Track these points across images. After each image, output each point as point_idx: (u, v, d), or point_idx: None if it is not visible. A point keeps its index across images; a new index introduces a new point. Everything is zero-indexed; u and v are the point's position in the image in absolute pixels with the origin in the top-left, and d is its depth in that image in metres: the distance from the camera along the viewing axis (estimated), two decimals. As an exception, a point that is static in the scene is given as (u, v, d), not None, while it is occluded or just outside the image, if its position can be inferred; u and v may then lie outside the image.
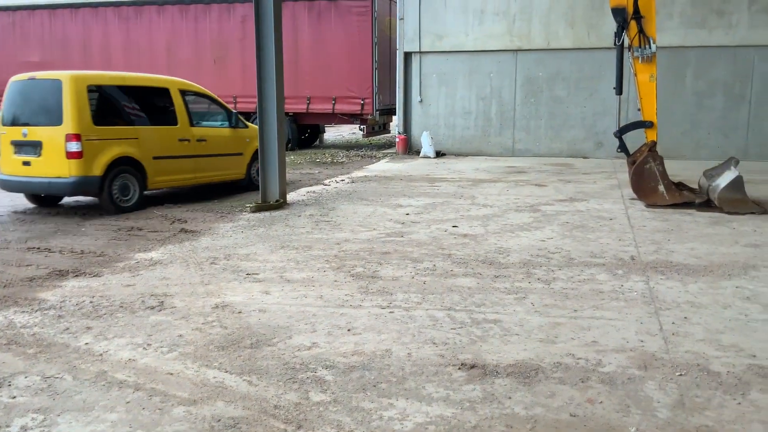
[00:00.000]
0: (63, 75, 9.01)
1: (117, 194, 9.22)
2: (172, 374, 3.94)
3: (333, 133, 27.02)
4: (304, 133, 20.77)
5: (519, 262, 6.44)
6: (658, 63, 9.76)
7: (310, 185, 12.00)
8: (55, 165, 8.85)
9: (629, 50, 9.70)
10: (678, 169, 12.40)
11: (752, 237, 7.46)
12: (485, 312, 5.01)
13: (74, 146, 8.72)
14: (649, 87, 9.69)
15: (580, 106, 16.54)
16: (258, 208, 9.31)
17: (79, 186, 8.97)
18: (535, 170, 14.02)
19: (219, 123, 11.12)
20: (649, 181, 9.54)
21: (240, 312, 5.03)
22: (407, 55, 17.56)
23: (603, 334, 4.53)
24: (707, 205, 9.17)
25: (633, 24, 9.48)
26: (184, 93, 10.32)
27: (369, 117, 18.30)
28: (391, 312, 5.01)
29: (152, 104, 10.05)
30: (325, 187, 11.78)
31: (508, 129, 17.16)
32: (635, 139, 10.52)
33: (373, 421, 3.35)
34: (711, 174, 9.73)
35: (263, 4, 9.37)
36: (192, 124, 10.36)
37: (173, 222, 8.59)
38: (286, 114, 17.93)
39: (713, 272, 6.03)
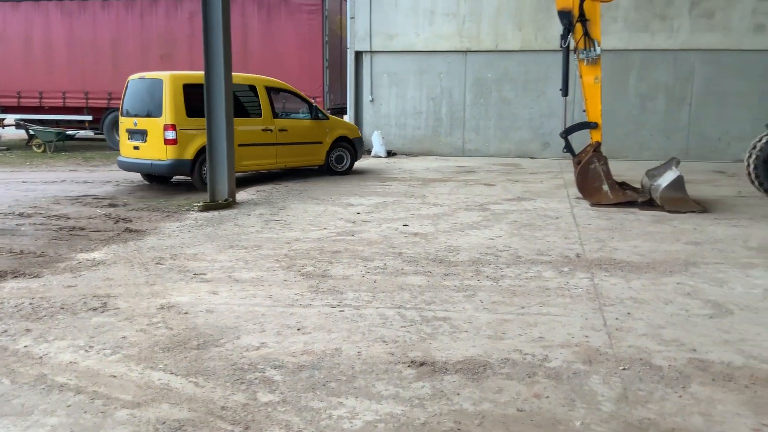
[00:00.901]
0: (164, 75, 10.86)
1: (206, 173, 10.20)
2: (115, 377, 3.84)
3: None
4: (254, 131, 20.55)
5: (468, 261, 6.50)
6: (602, 65, 10.00)
7: (260, 184, 11.87)
8: (156, 150, 10.73)
9: (575, 52, 9.91)
10: (622, 169, 12.74)
11: (693, 235, 7.71)
12: (435, 310, 5.04)
13: (171, 134, 10.57)
14: (594, 89, 9.91)
15: (527, 107, 16.82)
16: (206, 207, 9.16)
17: (174, 167, 10.83)
18: (484, 170, 14.19)
19: (302, 115, 12.71)
20: (594, 180, 9.76)
21: (186, 313, 4.94)
22: (358, 55, 17.55)
23: (549, 330, 4.61)
24: (650, 204, 9.44)
25: (579, 27, 9.69)
26: (269, 89, 12.00)
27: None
28: (341, 311, 4.99)
29: (241, 99, 11.57)
30: (275, 185, 11.68)
31: (458, 129, 17.33)
32: (581, 140, 10.77)
33: (322, 421, 3.33)
34: (653, 174, 10.02)
35: (211, 0, 9.22)
36: (275, 116, 11.99)
37: (117, 221, 8.38)
38: (236, 112, 17.86)
39: (655, 269, 6.21)
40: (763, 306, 5.17)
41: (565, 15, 9.76)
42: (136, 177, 12.51)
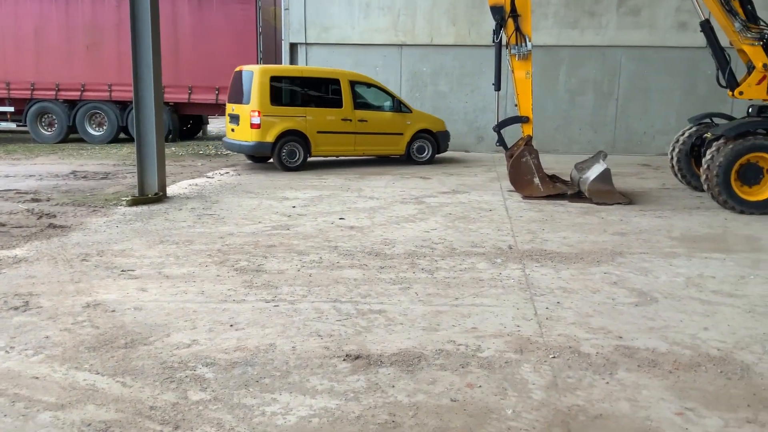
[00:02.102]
0: (255, 67, 12.49)
1: (285, 157, 12.43)
2: (37, 378, 3.68)
3: (218, 124, 26.27)
4: (186, 124, 20.04)
5: (404, 253, 6.53)
6: (533, 61, 10.20)
7: (193, 178, 11.61)
8: (244, 132, 12.35)
9: (507, 48, 10.07)
10: (552, 163, 13.07)
11: (619, 226, 7.97)
12: (370, 303, 5.04)
13: (256, 119, 12.10)
14: (525, 84, 10.11)
15: (462, 101, 17.02)
16: (135, 202, 8.89)
17: (257, 148, 12.38)
18: (419, 164, 14.26)
19: (386, 108, 13.55)
20: (526, 173, 9.97)
21: (113, 311, 4.78)
22: (293, 46, 17.35)
23: (482, 321, 4.68)
24: (578, 196, 9.71)
25: (510, 22, 9.85)
26: (353, 83, 13.07)
27: (254, 108, 17.92)
28: (275, 306, 4.93)
29: (323, 91, 12.87)
30: (208, 179, 11.44)
31: (394, 122, 17.35)
32: (513, 134, 10.97)
33: (255, 417, 3.28)
34: (582, 167, 10.30)
35: (139, -12, 8.94)
36: (355, 107, 13.02)
37: (41, 217, 8.03)
38: (167, 104, 17.37)
39: (584, 259, 6.39)
40: (686, 294, 5.39)
41: (497, 10, 9.91)
42: (61, 171, 12.28)
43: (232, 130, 12.84)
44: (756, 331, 4.57)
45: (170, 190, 9.91)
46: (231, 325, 4.52)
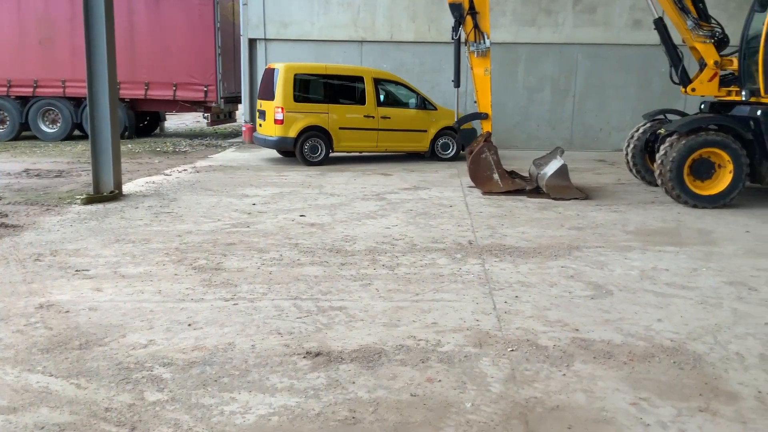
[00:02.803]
0: (279, 65, 12.87)
1: (307, 152, 12.78)
2: (-13, 383, 3.58)
3: (175, 121, 25.89)
4: (143, 120, 19.67)
5: (365, 250, 6.54)
6: (492, 58, 10.29)
7: (150, 175, 11.41)
8: (269, 127, 12.83)
9: (466, 45, 10.14)
10: (511, 159, 13.21)
11: (576, 221, 8.11)
12: (331, 300, 5.03)
13: (279, 115, 12.54)
14: (484, 80, 10.19)
15: (422, 97, 17.05)
16: (90, 200, 8.69)
17: (280, 143, 12.86)
18: (379, 160, 14.28)
19: (411, 105, 13.58)
20: (485, 169, 10.06)
21: (68, 311, 4.67)
22: (252, 42, 17.17)
23: (442, 316, 4.72)
24: (537, 191, 9.84)
25: (469, 19, 9.92)
26: (377, 80, 13.29)
27: (213, 105, 17.67)
28: (235, 304, 4.89)
29: (346, 88, 13.21)
30: (166, 177, 11.26)
31: (355, 119, 17.32)
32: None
33: (213, 417, 3.24)
34: (539, 163, 10.44)
35: (92, -19, 8.74)
36: (379, 104, 13.22)
37: (-9, 216, 7.80)
38: (122, 100, 17.01)
39: (541, 254, 6.48)
40: (640, 286, 5.51)
41: (455, 7, 9.96)
42: (13, 169, 11.95)
43: (260, 125, 13.41)
44: (707, 322, 4.70)
45: (126, 188, 9.73)
46: (189, 325, 4.46)
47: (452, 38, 10.32)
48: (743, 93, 9.42)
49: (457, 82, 10.53)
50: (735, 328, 4.59)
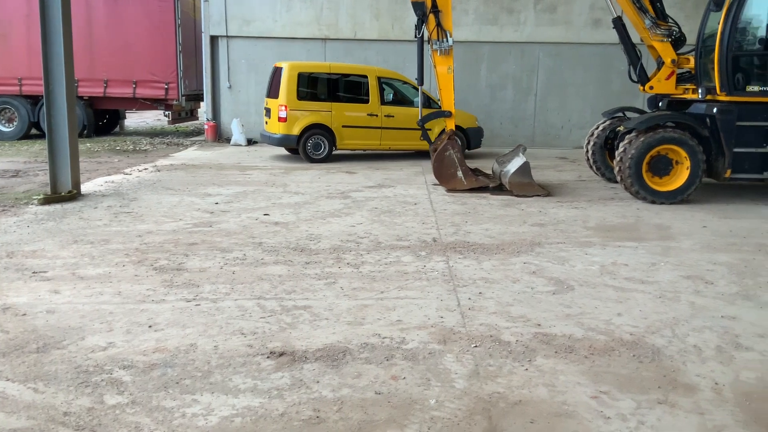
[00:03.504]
0: (284, 64, 13.11)
1: (310, 149, 13.06)
2: (-62, 389, 3.47)
3: (136, 119, 25.46)
4: (102, 119, 19.29)
5: (330, 248, 6.52)
6: (455, 56, 10.34)
7: (109, 174, 11.19)
8: (273, 125, 13.14)
9: (429, 43, 10.17)
10: (474, 156, 13.31)
11: (538, 217, 8.20)
12: (295, 299, 5.00)
13: (282, 113, 12.82)
14: (447, 79, 10.24)
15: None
16: (47, 200, 8.49)
17: (283, 140, 13.14)
18: (345, 158, 14.25)
19: (416, 104, 13.18)
20: (449, 167, 10.12)
21: (24, 314, 4.56)
22: (214, 39, 16.97)
23: (407, 313, 4.73)
24: (500, 189, 9.93)
25: (431, 18, 9.95)
26: (381, 79, 13.41)
27: (174, 102, 17.42)
28: (197, 305, 4.82)
29: (351, 87, 13.34)
30: (125, 176, 11.05)
31: (319, 117, 17.25)
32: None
33: (175, 420, 3.20)
34: (502, 160, 10.54)
35: (47, -24, 8.52)
36: (383, 103, 13.36)
37: (-57, 218, 7.57)
38: (81, 98, 16.67)
39: (504, 250, 6.54)
40: (600, 281, 5.60)
41: (418, 6, 9.99)
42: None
43: (266, 122, 13.64)
44: (666, 316, 4.80)
45: (85, 188, 9.53)
46: (150, 326, 4.39)
47: (415, 36, 10.35)
48: (700, 91, 9.64)
49: (420, 80, 10.56)
50: (692, 322, 4.69)
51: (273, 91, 13.26)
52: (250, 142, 16.79)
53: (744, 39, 9.24)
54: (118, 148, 15.43)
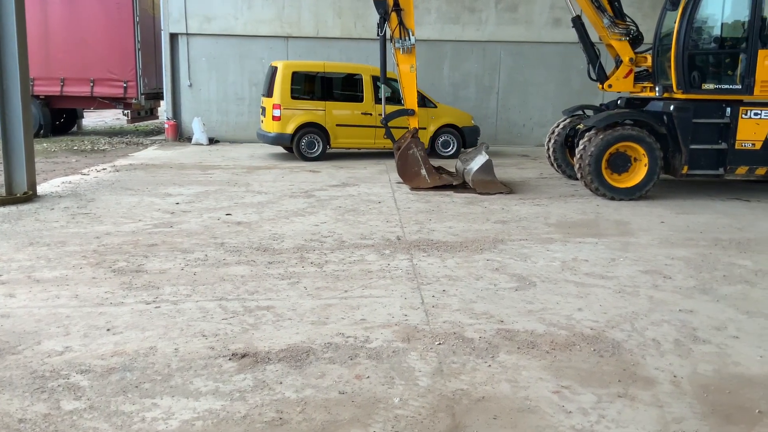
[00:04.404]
0: (279, 63, 13.32)
1: (304, 147, 13.21)
2: None
3: (94, 118, 24.95)
4: (59, 118, 18.87)
5: (293, 248, 6.47)
6: (417, 55, 10.36)
7: (66, 175, 10.94)
8: (268, 124, 13.30)
9: (391, 41, 10.17)
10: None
11: (501, 214, 8.27)
12: (258, 299, 4.95)
13: (276, 112, 12.99)
14: (409, 77, 10.25)
15: (350, 93, 17.02)
16: (1, 202, 8.25)
17: (277, 139, 13.23)
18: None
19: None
20: (413, 165, 10.14)
21: (-24, 320, 4.42)
22: (173, 37, 16.72)
23: (371, 312, 4.72)
24: (463, 187, 9.99)
25: (394, 16, 9.95)
26: (375, 78, 13.33)
27: (133, 101, 17.13)
28: (157, 307, 4.74)
29: (345, 86, 13.35)
30: (83, 176, 10.82)
31: (282, 116, 17.14)
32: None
33: (134, 425, 3.13)
34: (465, 158, 10.61)
35: (-2, -29, 8.28)
36: (377, 102, 13.19)
37: None
38: (37, 97, 16.29)
39: (468, 247, 6.58)
40: (561, 277, 5.67)
41: (380, 4, 9.97)
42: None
43: (262, 121, 13.77)
44: (625, 310, 4.88)
45: (41, 189, 9.29)
46: (108, 330, 4.29)
47: (378, 35, 10.33)
48: (657, 89, 9.84)
49: (382, 79, 10.56)
50: (651, 315, 4.78)
51: (268, 90, 13.37)
52: (212, 141, 16.60)
53: (699, 38, 9.46)
54: (75, 148, 15.10)
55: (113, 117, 25.05)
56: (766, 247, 6.87)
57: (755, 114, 9.29)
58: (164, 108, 17.86)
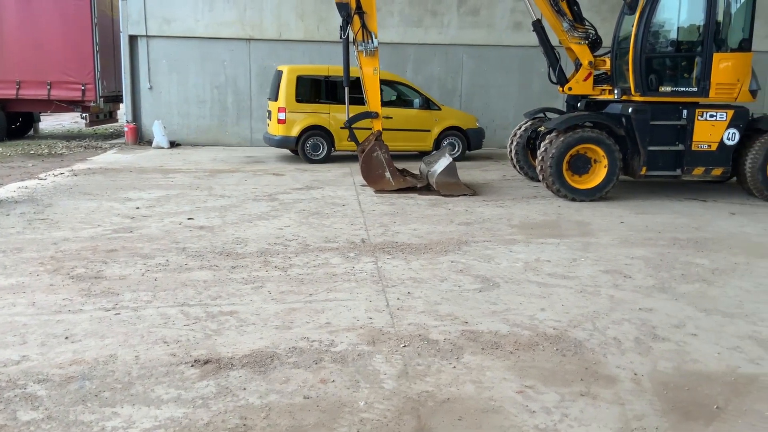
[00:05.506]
0: (284, 67, 13.48)
1: (309, 150, 13.39)
2: None
3: (51, 121, 24.37)
4: (15, 122, 18.38)
5: (257, 252, 6.41)
6: (381, 58, 10.37)
7: (22, 180, 10.66)
8: (273, 127, 13.51)
9: (354, 44, 10.16)
10: (401, 157, 13.40)
11: (464, 216, 8.32)
12: (221, 304, 4.89)
13: (282, 115, 13.18)
14: (373, 80, 10.27)
15: (313, 96, 16.95)
16: (-47, 208, 8.03)
17: (282, 142, 13.49)
18: (273, 160, 14.10)
19: (414, 105, 13.90)
20: (377, 168, 10.15)
21: (-73, 330, 4.28)
22: (133, 39, 16.43)
23: (336, 315, 4.70)
24: (427, 189, 10.02)
25: (356, 19, 9.94)
26: (380, 81, 12.49)
27: (92, 104, 16.79)
28: (117, 314, 4.65)
29: (349, 89, 12.16)
30: (40, 181, 10.56)
31: (245, 119, 17.01)
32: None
33: (93, 434, 3.06)
34: (429, 161, 10.65)
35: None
36: (381, 105, 12.32)
37: None
38: (-10, 99, 15.85)
39: (432, 249, 6.60)
40: (524, 278, 5.73)
41: (343, 7, 9.96)
42: None
43: (268, 125, 14.02)
44: (587, 310, 4.95)
45: (-5, 194, 9.06)
46: (66, 338, 4.19)
47: (341, 38, 10.31)
48: (615, 92, 10.02)
49: (346, 81, 10.53)
50: (612, 314, 4.86)
51: (273, 93, 13.59)
52: (173, 144, 16.36)
53: (656, 41, 9.67)
54: (32, 152, 14.73)
55: (71, 120, 24.49)
56: (723, 245, 7.05)
57: (711, 116, 9.53)
58: (124, 111, 17.54)
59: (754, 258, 6.56)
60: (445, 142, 14.06)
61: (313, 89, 13.65)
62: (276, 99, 13.39)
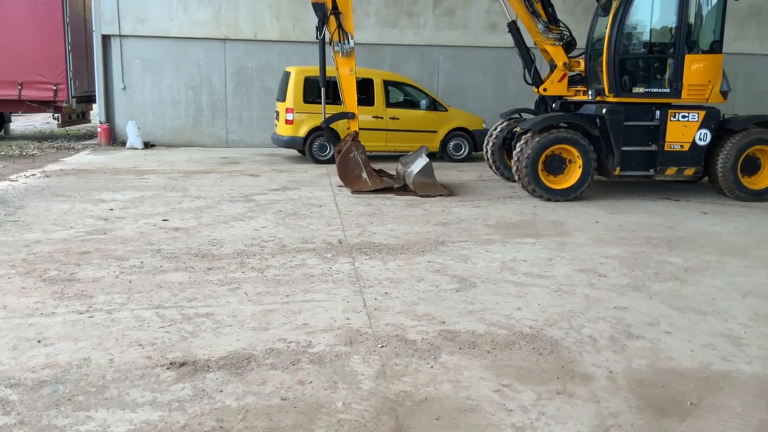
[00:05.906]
0: (292, 68, 13.62)
1: (316, 151, 13.56)
2: None
3: (23, 122, 23.96)
4: (-15, 122, 18.09)
5: (233, 253, 6.37)
6: (357, 58, 10.37)
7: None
8: (281, 128, 13.68)
9: (330, 45, 10.14)
10: (377, 156, 13.40)
11: (441, 216, 8.35)
12: (197, 306, 4.85)
13: (289, 116, 13.37)
14: (349, 80, 10.25)
15: (289, 97, 16.88)
16: None
17: (289, 142, 13.68)
18: (249, 160, 14.02)
19: (421, 106, 14.19)
20: (354, 168, 10.14)
21: None
22: (106, 38, 16.23)
23: (313, 316, 4.68)
24: (404, 189, 10.04)
25: (332, 19, 9.92)
26: (387, 83, 13.90)
27: (64, 104, 16.55)
28: (90, 317, 4.58)
29: (356, 89, 11.96)
30: (11, 183, 10.38)
31: (221, 119, 16.89)
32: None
33: (67, 439, 3.02)
34: (406, 161, 10.67)
35: None
36: (388, 105, 13.81)
37: None
38: (-41, 100, 15.55)
39: (409, 250, 6.61)
40: (501, 277, 5.76)
41: (319, 7, 9.93)
42: None
43: (276, 125, 14.12)
44: (563, 309, 5.00)
45: (-35, 196, 8.88)
46: (39, 341, 4.13)
47: (317, 38, 10.28)
48: (590, 92, 10.13)
49: (323, 81, 10.51)
50: (587, 313, 4.91)
51: (281, 94, 13.75)
52: (148, 145, 16.19)
53: (630, 43, 9.79)
54: (3, 153, 14.47)
55: (43, 121, 24.10)
56: (695, 244, 7.15)
57: (683, 117, 9.68)
58: (97, 111, 17.31)
59: (725, 256, 6.67)
60: (452, 143, 14.31)
61: (319, 90, 13.44)
62: (284, 100, 13.52)
